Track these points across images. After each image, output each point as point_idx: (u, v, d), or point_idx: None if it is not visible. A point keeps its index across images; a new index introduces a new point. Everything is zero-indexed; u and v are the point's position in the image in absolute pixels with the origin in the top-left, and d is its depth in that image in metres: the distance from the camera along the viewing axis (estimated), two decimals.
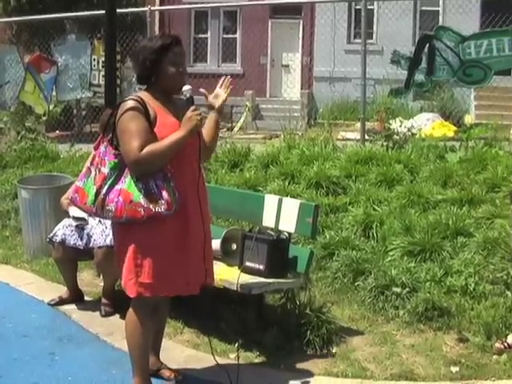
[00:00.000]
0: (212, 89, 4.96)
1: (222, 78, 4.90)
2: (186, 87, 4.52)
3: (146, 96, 4.59)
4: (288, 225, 5.88)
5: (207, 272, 4.74)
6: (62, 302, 6.71)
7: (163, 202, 4.36)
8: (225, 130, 18.16)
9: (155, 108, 4.52)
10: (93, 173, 4.55)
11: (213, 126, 4.85)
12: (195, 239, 4.60)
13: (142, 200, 4.37)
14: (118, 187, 4.44)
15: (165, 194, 4.37)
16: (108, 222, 5.90)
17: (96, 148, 4.63)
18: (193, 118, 4.40)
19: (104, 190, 4.46)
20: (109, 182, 4.47)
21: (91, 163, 4.61)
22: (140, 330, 4.65)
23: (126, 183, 4.42)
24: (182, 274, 4.56)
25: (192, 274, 4.62)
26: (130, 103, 4.49)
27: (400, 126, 10.66)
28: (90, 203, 4.51)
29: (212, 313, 6.00)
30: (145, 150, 4.34)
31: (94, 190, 4.48)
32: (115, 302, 6.31)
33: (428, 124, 16.62)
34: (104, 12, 8.23)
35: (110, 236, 5.96)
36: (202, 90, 4.82)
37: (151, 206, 4.36)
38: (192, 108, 4.44)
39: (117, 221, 4.56)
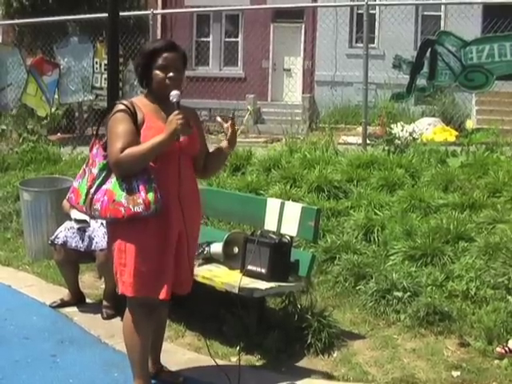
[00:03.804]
0: (213, 92, 4.97)
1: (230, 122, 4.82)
2: (174, 92, 4.51)
3: (140, 100, 4.70)
4: (290, 228, 5.89)
5: (184, 281, 4.76)
6: (63, 304, 6.72)
7: (141, 201, 4.41)
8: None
9: (145, 112, 4.58)
10: (87, 174, 4.64)
11: (219, 154, 4.89)
12: (177, 243, 4.60)
13: (123, 199, 4.43)
14: (104, 187, 4.52)
15: (143, 193, 4.41)
16: None
17: (91, 150, 4.71)
18: (173, 122, 4.41)
19: (92, 190, 4.55)
20: (97, 182, 4.55)
21: (86, 165, 4.70)
22: (136, 331, 4.68)
23: (112, 183, 4.50)
24: (164, 276, 4.57)
25: (172, 277, 4.61)
26: (118, 106, 4.59)
27: (401, 130, 10.67)
28: (81, 203, 4.62)
29: (213, 316, 6.00)
30: (124, 152, 4.40)
31: (85, 190, 4.57)
32: (116, 304, 6.31)
33: (429, 128, 16.60)
34: (106, 15, 8.23)
35: None
36: (218, 119, 4.82)
37: (130, 206, 4.42)
38: (175, 112, 4.44)
39: (103, 220, 4.75)
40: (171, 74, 4.57)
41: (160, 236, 4.55)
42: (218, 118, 4.79)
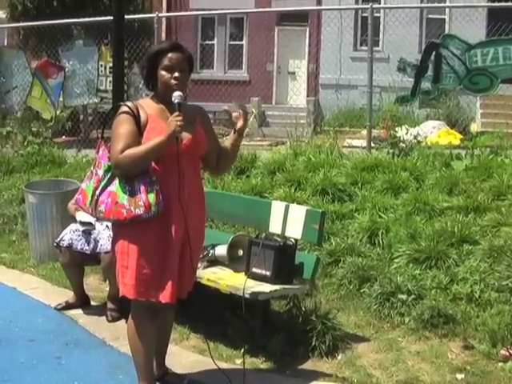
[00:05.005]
0: (218, 95, 4.97)
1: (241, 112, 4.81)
2: (176, 93, 4.51)
3: (145, 101, 4.72)
4: (294, 231, 5.89)
5: (185, 284, 4.73)
6: (68, 306, 6.74)
7: (142, 203, 4.42)
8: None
9: (149, 113, 4.59)
10: (93, 175, 4.66)
11: (230, 146, 4.88)
12: (179, 246, 4.59)
13: (125, 202, 4.46)
14: (109, 189, 4.55)
15: (144, 196, 4.43)
16: None
17: (97, 152, 4.73)
18: (172, 124, 4.42)
19: (98, 192, 4.57)
20: (102, 184, 4.58)
21: (93, 166, 4.72)
22: (141, 334, 4.69)
23: (116, 185, 4.52)
24: (167, 280, 4.56)
25: (174, 281, 4.59)
26: (121, 108, 4.62)
27: (406, 133, 10.67)
28: (88, 204, 4.64)
29: (218, 318, 6.00)
30: (123, 153, 4.43)
31: (92, 192, 4.59)
32: (121, 307, 6.31)
33: (434, 132, 16.62)
34: (111, 18, 8.25)
35: None
36: (225, 107, 4.82)
37: (132, 208, 4.44)
38: (175, 114, 4.45)
39: (107, 221, 4.74)
40: (177, 75, 4.57)
41: (162, 238, 4.56)
42: (225, 107, 4.79)
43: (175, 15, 24.55)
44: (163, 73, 4.58)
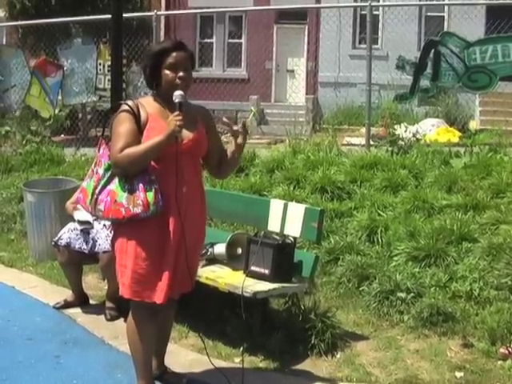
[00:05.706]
0: (217, 93, 4.95)
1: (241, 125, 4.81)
2: (177, 92, 4.49)
3: (146, 100, 4.69)
4: (293, 229, 5.88)
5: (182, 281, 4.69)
6: (67, 305, 6.72)
7: (140, 202, 4.41)
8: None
9: (150, 112, 4.57)
10: (94, 174, 4.64)
11: (230, 155, 4.86)
12: (177, 247, 4.56)
13: (124, 200, 4.44)
14: (109, 188, 4.53)
15: (142, 194, 4.41)
16: None
17: (98, 150, 4.72)
18: (171, 123, 4.40)
19: (97, 190, 4.56)
20: (102, 183, 4.57)
21: (94, 165, 4.71)
22: (139, 333, 4.68)
23: (116, 184, 4.51)
24: (162, 280, 4.53)
25: (170, 281, 4.55)
26: (122, 107, 4.60)
27: (405, 131, 10.68)
28: (88, 203, 4.62)
29: (217, 317, 6.00)
30: (123, 152, 4.41)
31: (92, 190, 4.58)
32: (120, 305, 6.31)
33: (433, 129, 16.62)
34: (110, 16, 8.24)
35: None
36: (225, 119, 4.80)
37: (130, 207, 4.42)
38: (175, 113, 4.43)
39: (106, 220, 4.75)
40: (181, 74, 4.55)
41: (160, 238, 4.53)
42: (225, 119, 4.78)
43: (174, 13, 24.52)
44: (168, 72, 4.55)
